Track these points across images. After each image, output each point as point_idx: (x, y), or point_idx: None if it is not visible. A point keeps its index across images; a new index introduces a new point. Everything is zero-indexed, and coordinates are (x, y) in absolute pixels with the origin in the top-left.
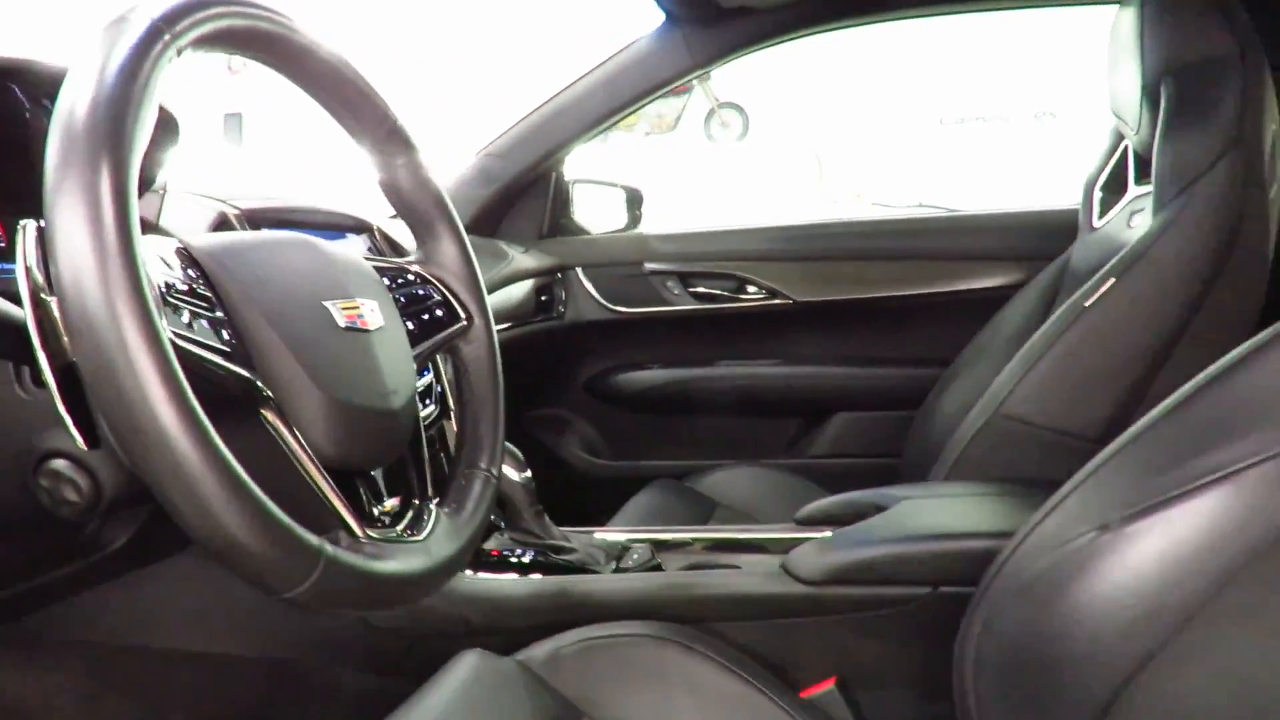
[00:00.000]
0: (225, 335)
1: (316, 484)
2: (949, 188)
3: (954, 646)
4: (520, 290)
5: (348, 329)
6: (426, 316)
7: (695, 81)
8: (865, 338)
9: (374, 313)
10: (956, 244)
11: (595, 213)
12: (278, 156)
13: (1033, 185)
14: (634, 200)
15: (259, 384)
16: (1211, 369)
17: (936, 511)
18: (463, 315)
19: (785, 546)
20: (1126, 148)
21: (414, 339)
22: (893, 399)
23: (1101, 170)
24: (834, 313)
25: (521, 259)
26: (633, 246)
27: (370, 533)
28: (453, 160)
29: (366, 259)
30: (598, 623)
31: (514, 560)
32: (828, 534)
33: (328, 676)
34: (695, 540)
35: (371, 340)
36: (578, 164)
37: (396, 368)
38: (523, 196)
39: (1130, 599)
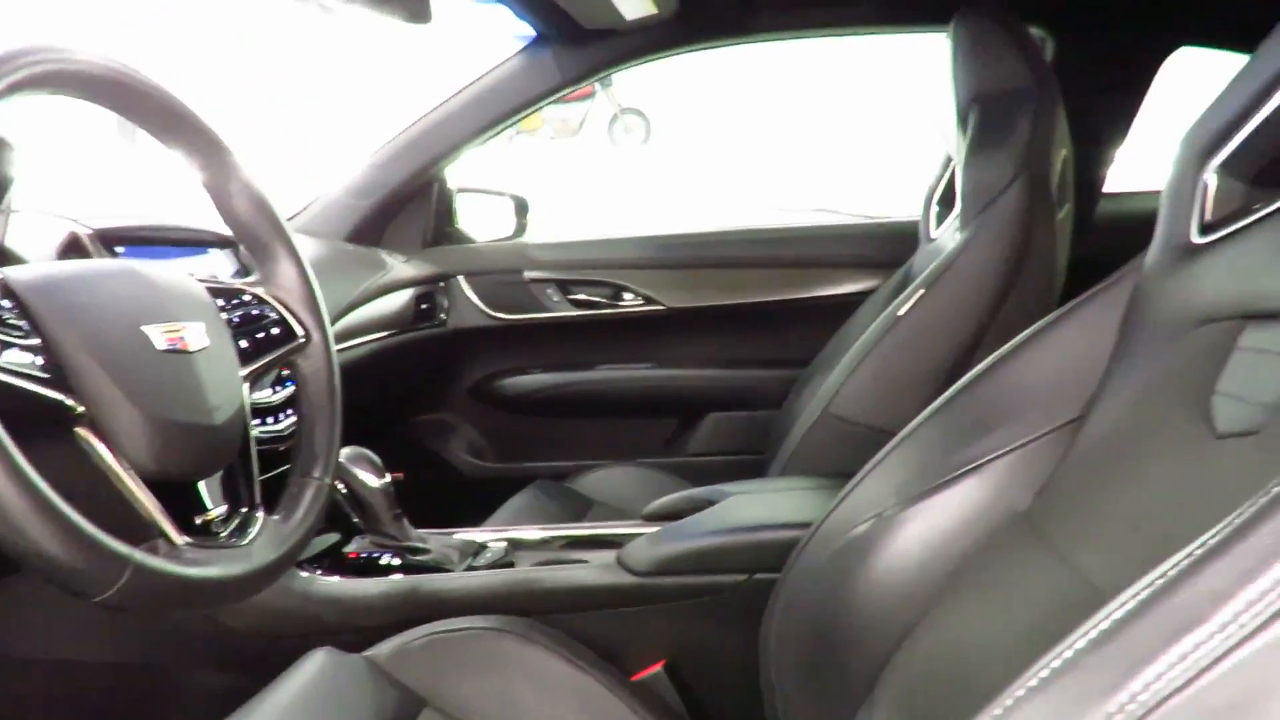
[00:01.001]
0: (41, 361)
1: (133, 496)
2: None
3: (761, 626)
4: (400, 299)
5: (168, 351)
6: (261, 335)
7: (598, 86)
8: (734, 341)
9: (198, 334)
10: (816, 252)
11: (482, 221)
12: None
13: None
14: (521, 208)
15: (71, 404)
16: (975, 370)
17: (758, 505)
18: (300, 333)
19: (633, 538)
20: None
21: (247, 357)
22: (759, 399)
23: (936, 186)
24: (705, 318)
25: (402, 268)
26: (513, 255)
27: (190, 539)
28: (335, 171)
29: (202, 280)
30: (446, 618)
31: (371, 562)
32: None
33: (188, 678)
34: (551, 538)
35: (193, 360)
36: (477, 169)
37: (220, 386)
38: (406, 206)
39: (899, 577)
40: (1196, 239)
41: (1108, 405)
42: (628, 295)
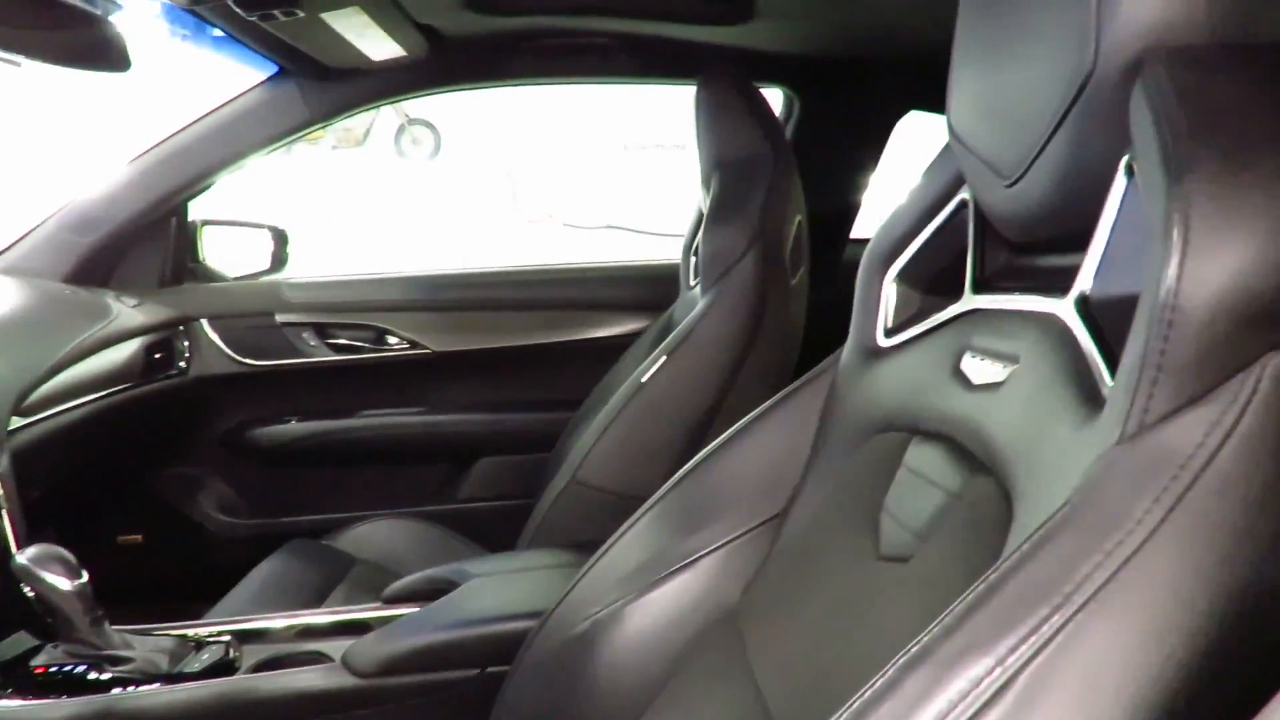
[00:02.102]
0: None
1: None
2: (634, 210)
3: None
4: (125, 351)
5: None
6: None
7: None
8: (503, 385)
9: None
10: (584, 294)
11: (235, 255)
12: None
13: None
14: (279, 240)
15: None
16: (693, 461)
17: (494, 592)
18: None
19: (371, 625)
20: None
21: None
22: (530, 442)
23: (694, 237)
24: (474, 361)
25: (130, 314)
26: (264, 296)
27: None
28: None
29: None
30: None
31: (61, 677)
32: (405, 612)
33: None
34: (286, 627)
35: None
36: (245, 185)
37: None
38: (139, 242)
39: (620, 675)
40: (880, 342)
41: (804, 504)
42: (392, 339)
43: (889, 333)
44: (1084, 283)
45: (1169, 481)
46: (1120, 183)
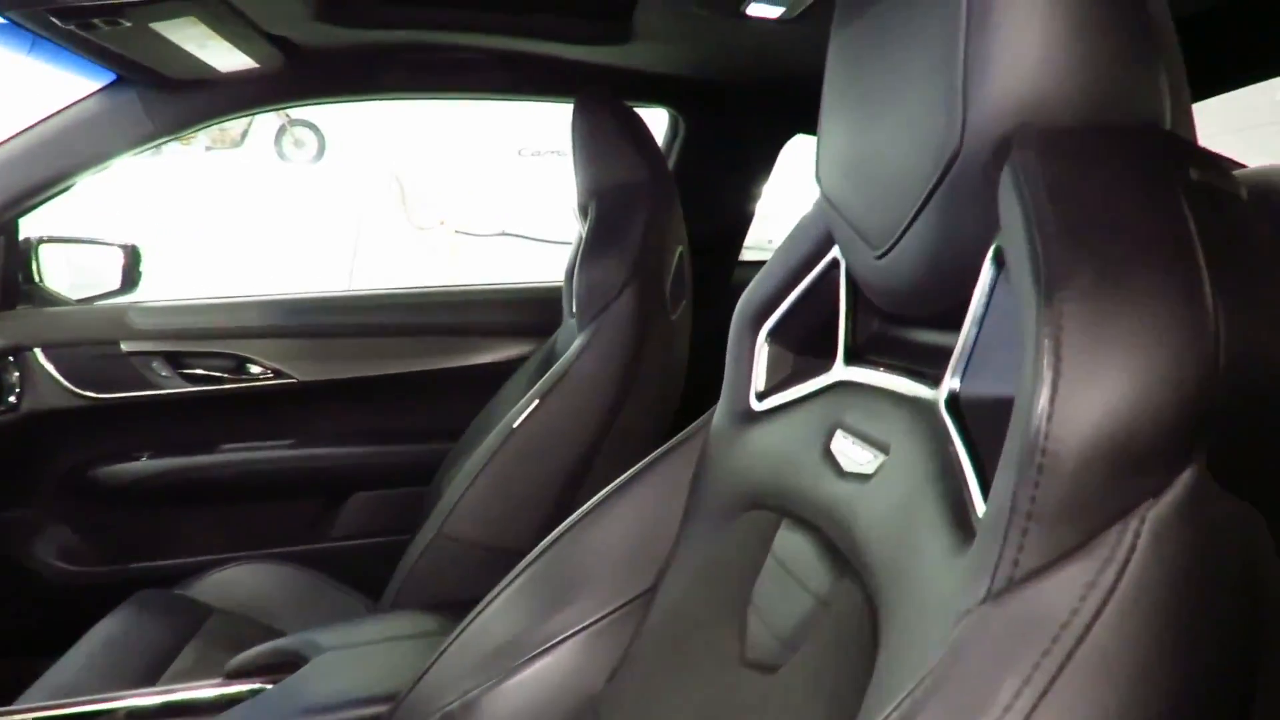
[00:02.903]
0: None
1: None
2: (529, 217)
3: None
4: None
5: None
6: None
7: None
8: (380, 414)
9: None
10: (463, 318)
11: (81, 276)
12: None
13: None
14: (132, 259)
15: None
16: (558, 530)
17: (347, 669)
18: None
19: (213, 705)
20: None
21: None
22: (408, 475)
23: (573, 262)
24: (345, 390)
25: None
26: (108, 322)
27: None
28: None
29: None
30: None
31: None
32: (248, 688)
33: None
34: (113, 710)
35: None
36: (104, 191)
37: None
38: None
39: None
40: (753, 405)
41: (672, 582)
42: (254, 367)
43: (761, 396)
44: (955, 378)
45: (1040, 657)
46: (989, 272)
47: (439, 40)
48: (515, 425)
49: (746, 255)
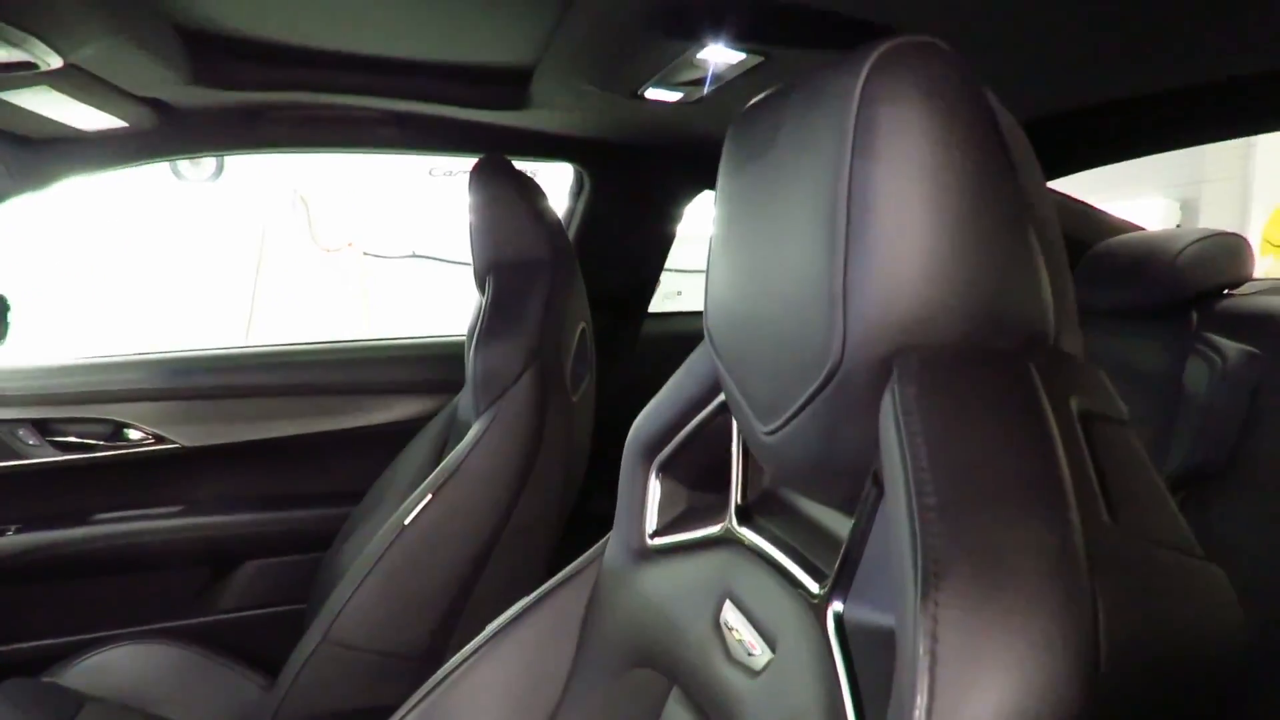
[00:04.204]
0: None
1: None
2: (439, 237)
3: None
4: None
5: None
6: None
7: None
8: (272, 478)
9: None
10: (360, 376)
11: None
12: None
13: None
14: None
15: None
16: (444, 669)
17: None
18: None
19: None
20: None
21: None
22: (305, 541)
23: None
24: (234, 453)
25: None
26: None
27: None
28: None
29: None
30: None
31: None
32: None
33: None
34: None
35: None
36: None
37: None
38: None
39: None
40: (648, 542)
41: None
42: (132, 433)
43: (655, 533)
44: (839, 598)
45: None
46: (871, 491)
47: (323, 100)
48: (406, 522)
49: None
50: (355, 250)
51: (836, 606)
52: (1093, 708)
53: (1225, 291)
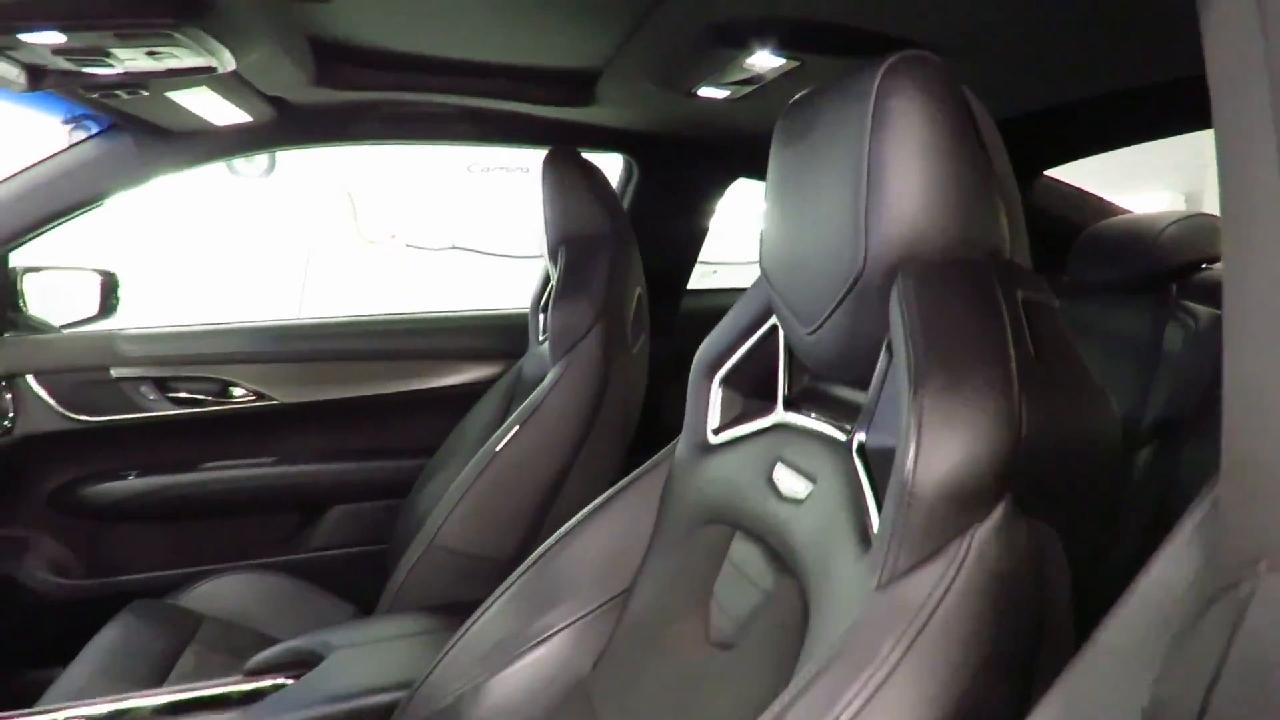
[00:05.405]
0: None
1: None
2: (478, 231)
3: None
4: None
5: None
6: None
7: None
8: (355, 433)
9: None
10: (431, 343)
11: (61, 302)
12: None
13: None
14: (109, 285)
15: None
16: (545, 545)
17: (363, 663)
18: None
19: (234, 700)
20: None
21: None
22: (383, 489)
23: (540, 295)
24: (322, 411)
25: None
26: (98, 350)
27: None
28: None
29: None
30: None
31: None
32: (269, 684)
33: None
34: (139, 708)
35: None
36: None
37: None
38: None
39: None
40: (710, 439)
41: (646, 582)
42: (236, 390)
43: (716, 431)
44: (862, 431)
45: (906, 626)
46: (884, 357)
47: (416, 99)
48: (497, 449)
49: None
50: (398, 242)
51: (860, 437)
52: (1016, 461)
53: (1203, 266)
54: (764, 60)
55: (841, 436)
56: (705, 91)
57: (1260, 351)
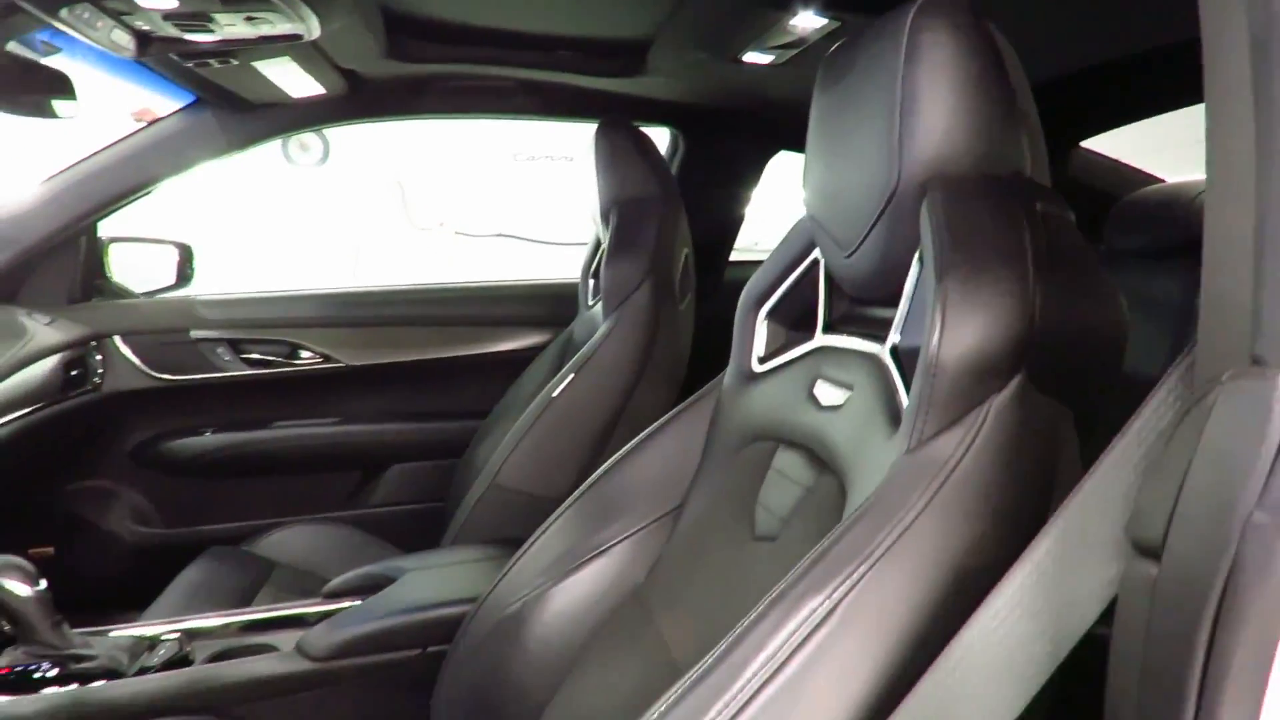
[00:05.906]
0: None
1: None
2: (525, 219)
3: (432, 695)
4: (43, 368)
5: None
6: None
7: None
8: (414, 395)
9: None
10: (487, 311)
11: (142, 272)
12: None
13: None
14: (185, 256)
15: None
16: (604, 466)
17: (430, 582)
18: None
19: (313, 619)
20: None
21: None
22: (440, 449)
23: (591, 262)
24: (384, 374)
25: (46, 332)
26: (178, 313)
27: None
28: None
29: None
30: None
31: (27, 677)
32: (346, 605)
33: None
34: (229, 624)
35: None
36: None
37: None
38: (47, 259)
39: (545, 648)
40: (755, 368)
41: (696, 499)
42: (305, 353)
43: (761, 360)
44: (895, 334)
45: (931, 479)
46: (915, 268)
47: (476, 71)
48: (554, 395)
49: (736, 256)
50: (446, 230)
51: (894, 339)
52: (1030, 342)
53: None
54: (807, 21)
55: (876, 348)
56: (750, 57)
57: (1236, 214)
